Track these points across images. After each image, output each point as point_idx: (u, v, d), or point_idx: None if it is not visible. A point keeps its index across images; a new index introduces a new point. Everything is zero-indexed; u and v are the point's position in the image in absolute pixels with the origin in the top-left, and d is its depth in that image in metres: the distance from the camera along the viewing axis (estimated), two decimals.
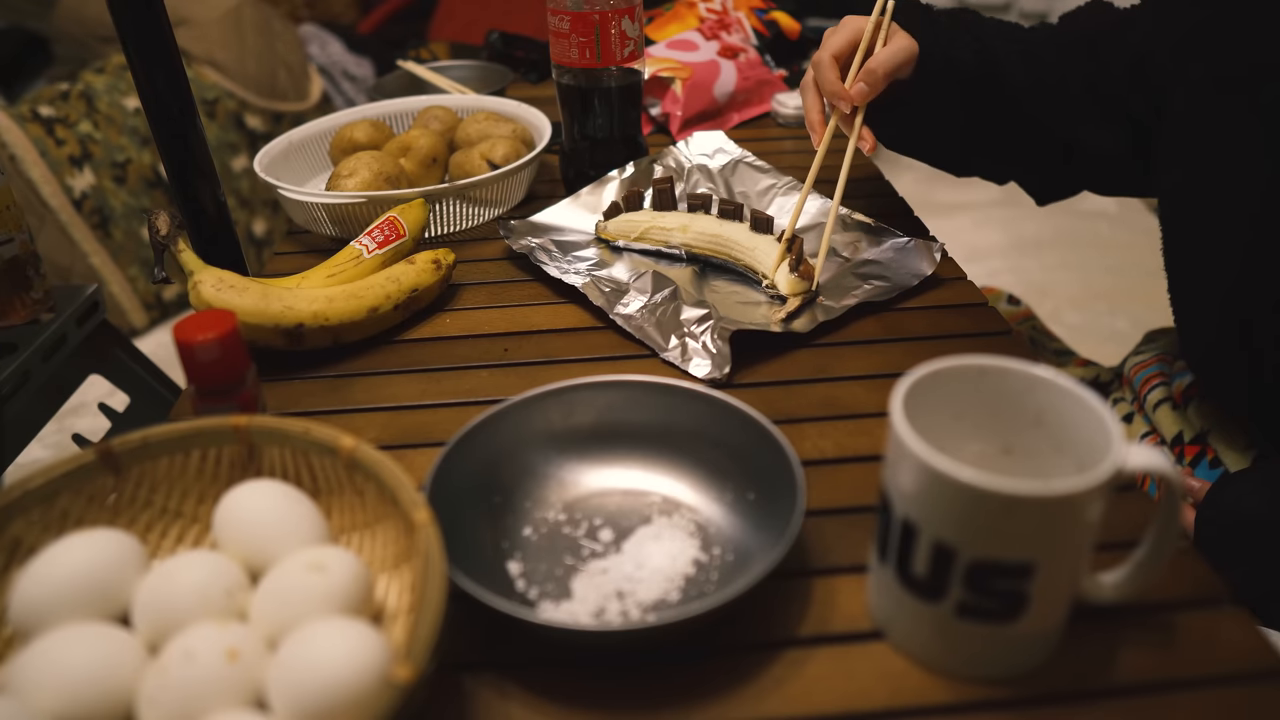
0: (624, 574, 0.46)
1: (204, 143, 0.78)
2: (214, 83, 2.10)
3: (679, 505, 0.50)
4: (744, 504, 0.49)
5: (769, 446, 0.48)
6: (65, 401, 1.02)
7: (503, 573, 0.47)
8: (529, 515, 0.50)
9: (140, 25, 0.71)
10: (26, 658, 0.36)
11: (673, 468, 0.52)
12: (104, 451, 0.43)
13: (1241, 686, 0.40)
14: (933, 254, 0.71)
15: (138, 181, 1.94)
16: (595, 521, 0.50)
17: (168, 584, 0.39)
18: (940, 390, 0.41)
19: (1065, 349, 0.95)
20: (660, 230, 0.76)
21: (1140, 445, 0.38)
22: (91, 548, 0.40)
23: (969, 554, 0.37)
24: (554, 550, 0.48)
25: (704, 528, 0.49)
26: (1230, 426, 0.71)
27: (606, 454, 0.52)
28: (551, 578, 0.47)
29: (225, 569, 0.40)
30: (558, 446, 0.52)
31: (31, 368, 0.91)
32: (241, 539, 0.42)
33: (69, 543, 0.40)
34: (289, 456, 0.45)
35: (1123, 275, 2.11)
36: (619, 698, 0.41)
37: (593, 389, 0.52)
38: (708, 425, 0.51)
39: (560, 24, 0.79)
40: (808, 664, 0.42)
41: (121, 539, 0.41)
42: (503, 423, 0.50)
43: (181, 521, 0.45)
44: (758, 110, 1.11)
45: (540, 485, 0.51)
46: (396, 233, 0.73)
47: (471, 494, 0.48)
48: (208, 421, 0.44)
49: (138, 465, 0.44)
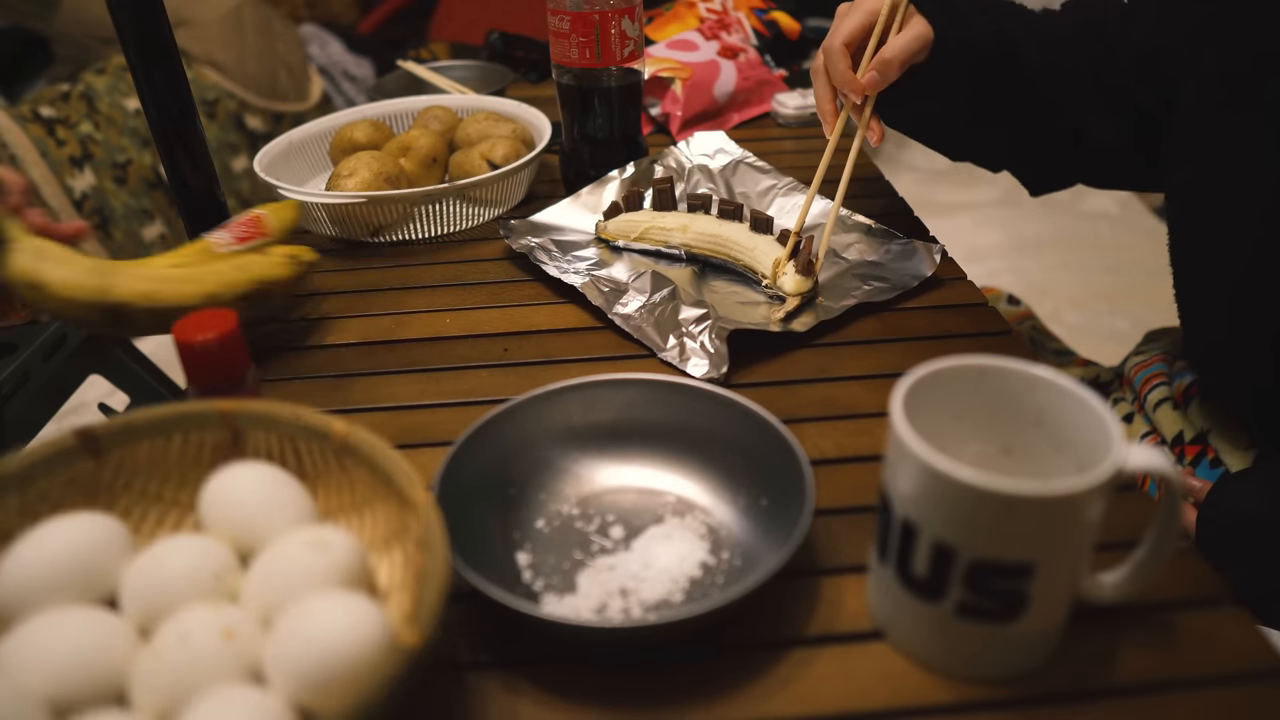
0: (630, 572, 0.46)
1: (204, 143, 0.78)
2: (214, 83, 2.10)
3: (692, 506, 0.50)
4: (756, 510, 0.49)
5: (780, 449, 0.48)
6: (65, 401, 1.01)
7: (511, 563, 0.47)
8: (543, 508, 0.50)
9: (140, 26, 0.71)
10: (14, 640, 0.36)
11: (689, 468, 0.52)
12: (84, 435, 0.42)
13: (1241, 686, 0.40)
14: (932, 255, 0.71)
15: (138, 182, 1.94)
16: (608, 518, 0.50)
17: (157, 567, 0.39)
18: (940, 390, 0.41)
19: (1065, 349, 0.95)
20: (660, 230, 0.76)
21: (1140, 445, 0.38)
22: (76, 531, 0.39)
23: (969, 554, 0.37)
24: (564, 544, 0.48)
25: (715, 531, 0.49)
26: (1231, 426, 0.71)
27: (624, 451, 0.52)
28: (559, 571, 0.47)
29: (215, 551, 0.40)
30: (576, 441, 0.52)
31: (31, 368, 0.91)
32: (230, 520, 0.41)
33: (53, 526, 0.39)
34: (274, 441, 0.44)
35: (1123, 275, 2.11)
36: (625, 695, 0.41)
37: (613, 386, 0.52)
38: (723, 427, 0.51)
39: (560, 24, 0.79)
40: (812, 664, 0.42)
41: (107, 522, 0.40)
42: (518, 418, 0.50)
43: (161, 505, 0.45)
44: (758, 110, 1.11)
45: (556, 479, 0.51)
46: (258, 230, 0.67)
47: (483, 489, 0.48)
48: (192, 405, 0.43)
49: (119, 449, 0.43)
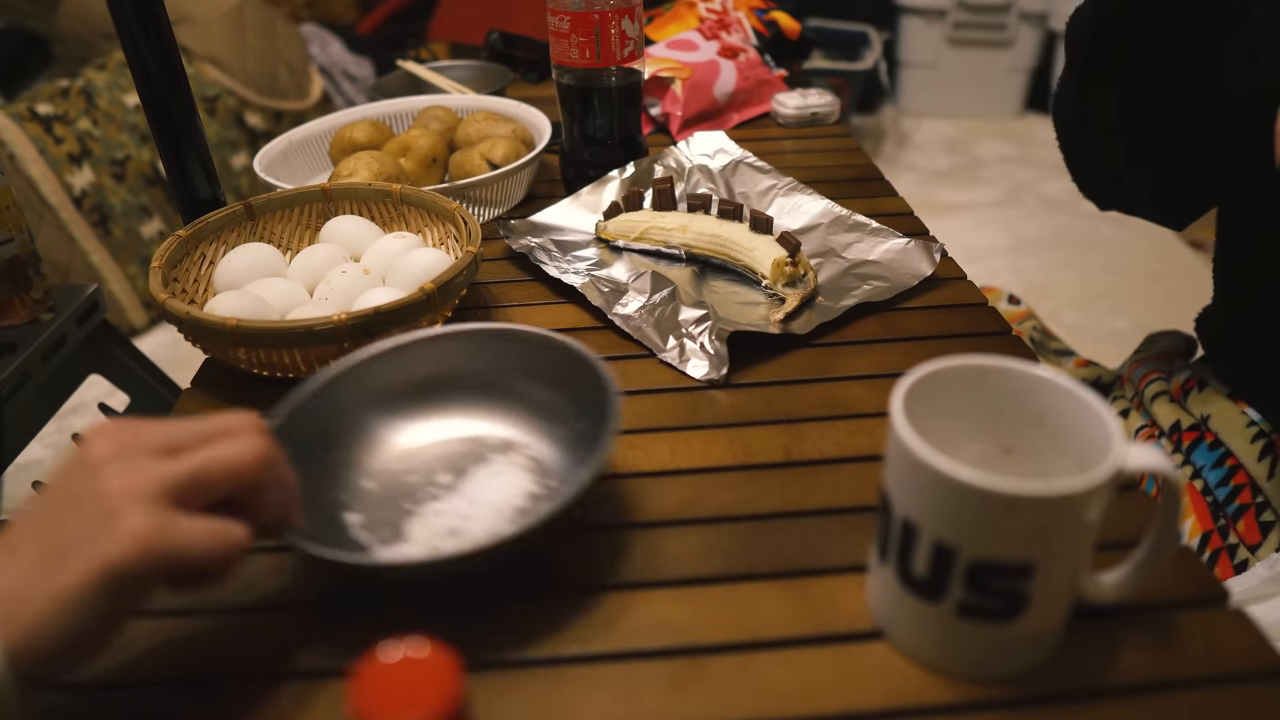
0: (458, 512, 0.48)
1: (203, 140, 0.78)
2: (214, 80, 2.10)
3: (515, 444, 0.52)
4: (574, 435, 0.51)
5: (586, 373, 0.49)
6: (65, 401, 1.02)
7: (340, 524, 0.48)
8: (367, 467, 0.51)
9: (139, 22, 0.71)
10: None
11: (508, 411, 0.53)
12: (246, 205, 0.72)
13: (1241, 686, 0.40)
14: (932, 254, 0.71)
15: (137, 179, 1.94)
16: (434, 468, 0.51)
17: (309, 256, 0.70)
18: (940, 390, 0.41)
19: (1065, 349, 0.96)
20: (660, 230, 0.76)
21: (1141, 445, 0.38)
22: (251, 249, 0.70)
23: (969, 554, 0.37)
24: (393, 498, 0.49)
25: (539, 461, 0.51)
26: (1229, 410, 0.72)
27: (445, 404, 0.54)
28: (389, 524, 0.48)
29: (338, 251, 0.71)
30: (396, 401, 0.53)
31: (31, 368, 0.91)
32: (341, 238, 0.73)
33: (239, 249, 0.70)
34: (357, 206, 0.76)
35: (1123, 275, 2.11)
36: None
37: (425, 343, 0.53)
38: (535, 365, 0.52)
39: (560, 24, 0.79)
40: (811, 664, 0.42)
41: (265, 246, 0.71)
42: (337, 387, 0.51)
43: (286, 242, 0.76)
44: (758, 110, 1.11)
45: (379, 439, 0.52)
46: None
47: (308, 459, 0.48)
48: (303, 189, 0.75)
49: (266, 214, 0.74)
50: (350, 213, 0.76)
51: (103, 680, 0.42)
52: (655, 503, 0.52)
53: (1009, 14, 2.78)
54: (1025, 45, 2.85)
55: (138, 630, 0.45)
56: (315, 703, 0.41)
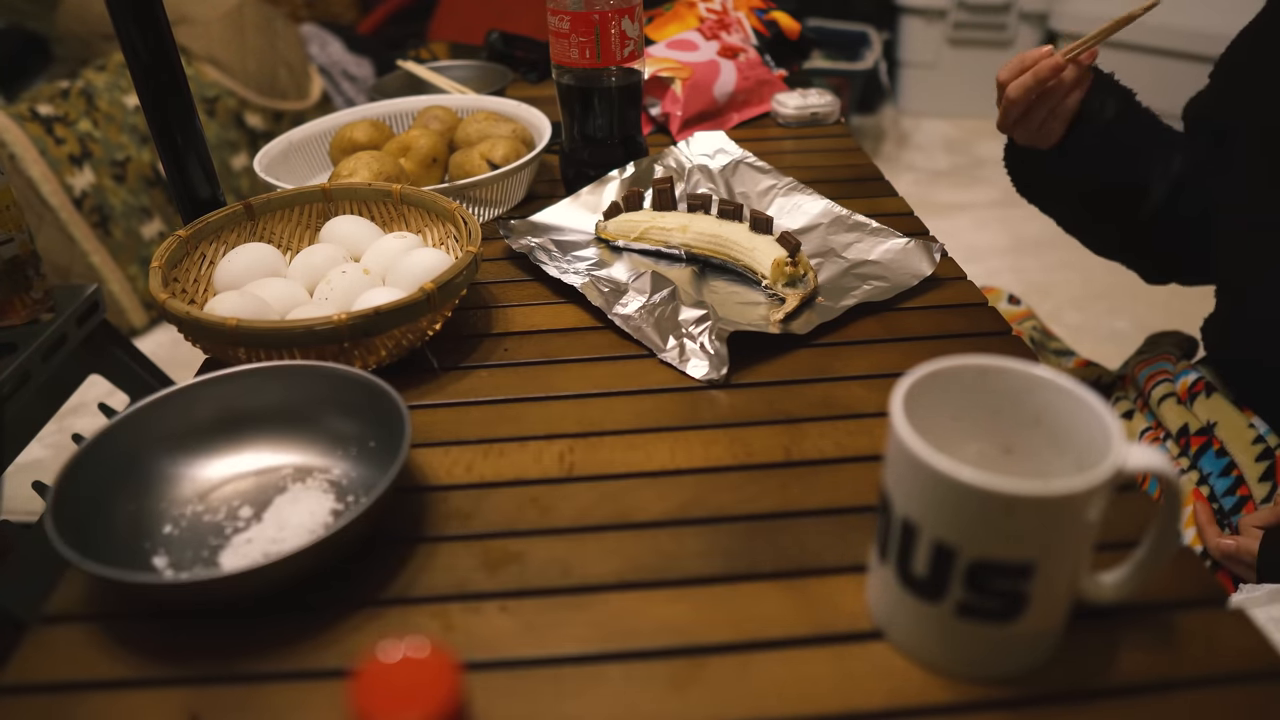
0: (268, 538, 0.49)
1: (203, 141, 0.78)
2: (214, 80, 2.10)
3: (310, 469, 0.54)
4: (367, 453, 0.53)
5: (373, 393, 0.52)
6: (65, 401, 1.02)
7: (150, 570, 0.47)
8: (166, 514, 0.51)
9: (139, 22, 0.71)
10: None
11: (300, 440, 0.55)
12: (246, 205, 0.72)
13: (1241, 686, 0.40)
14: (932, 254, 0.71)
15: (137, 180, 1.94)
16: (234, 503, 0.52)
17: (309, 257, 0.70)
18: (940, 390, 0.41)
19: (1065, 349, 0.96)
20: (660, 230, 0.76)
21: (1140, 445, 0.38)
22: (251, 249, 0.70)
23: (969, 554, 0.37)
24: (197, 538, 0.50)
25: (337, 483, 0.53)
26: (1236, 420, 0.71)
27: (234, 442, 0.55)
28: (200, 560, 0.48)
29: (338, 251, 0.71)
30: (183, 446, 0.54)
31: (31, 368, 0.91)
32: (341, 238, 0.73)
33: (239, 249, 0.70)
34: (357, 206, 0.76)
35: (1123, 275, 2.09)
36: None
37: (207, 385, 0.54)
38: (325, 394, 0.54)
39: (560, 24, 0.79)
40: (811, 664, 0.42)
41: (265, 246, 0.71)
42: (121, 436, 0.51)
43: (286, 242, 0.76)
44: (758, 110, 1.11)
45: (172, 485, 0.53)
46: None
47: (100, 517, 0.48)
48: (303, 189, 0.75)
49: (266, 214, 0.74)
50: (350, 213, 0.76)
51: (103, 680, 0.42)
52: (655, 503, 0.52)
53: (1009, 14, 2.78)
54: (1025, 45, 2.85)
55: (137, 631, 0.45)
56: (315, 703, 0.41)
